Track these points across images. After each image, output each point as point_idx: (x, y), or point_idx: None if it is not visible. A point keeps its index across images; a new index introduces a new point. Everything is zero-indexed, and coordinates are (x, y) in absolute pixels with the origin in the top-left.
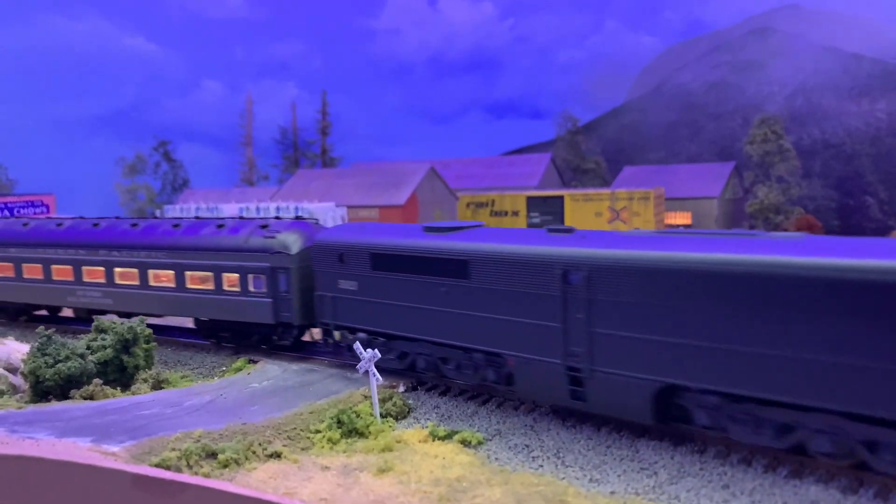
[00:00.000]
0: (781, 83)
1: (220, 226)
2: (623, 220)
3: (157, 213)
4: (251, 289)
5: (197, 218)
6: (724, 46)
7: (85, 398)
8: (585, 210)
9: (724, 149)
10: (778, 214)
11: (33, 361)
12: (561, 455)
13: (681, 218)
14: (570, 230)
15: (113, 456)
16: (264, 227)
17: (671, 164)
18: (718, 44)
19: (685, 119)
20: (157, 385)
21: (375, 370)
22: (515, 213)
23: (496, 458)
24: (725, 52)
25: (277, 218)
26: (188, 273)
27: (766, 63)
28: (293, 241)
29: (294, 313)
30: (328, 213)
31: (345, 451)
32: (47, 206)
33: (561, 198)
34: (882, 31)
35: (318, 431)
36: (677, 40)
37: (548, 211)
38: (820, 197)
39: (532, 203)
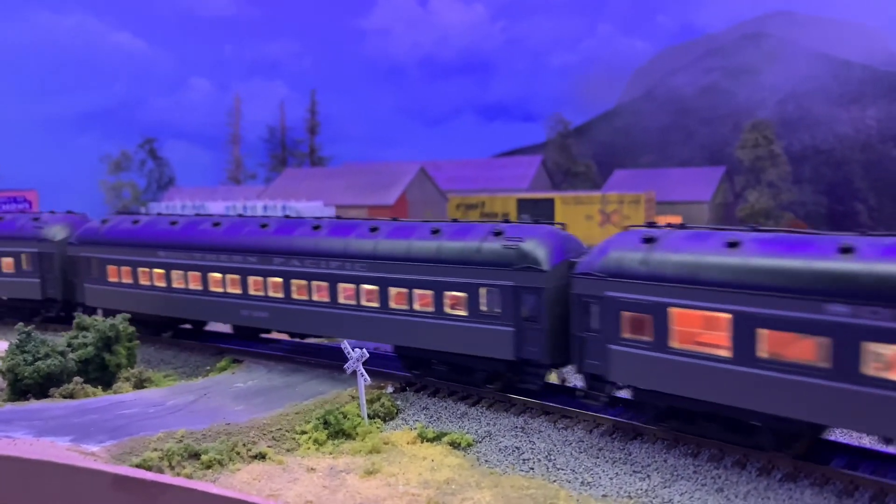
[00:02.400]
0: (773, 88)
1: None
2: (613, 224)
3: (143, 210)
4: None
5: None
6: (716, 51)
7: (65, 397)
8: (576, 213)
9: (716, 153)
10: (768, 219)
11: (12, 359)
12: (552, 457)
13: (671, 221)
14: None
15: (92, 456)
16: None
17: (662, 167)
18: (711, 48)
19: (677, 123)
20: (140, 384)
21: (363, 370)
22: (506, 215)
23: (486, 461)
24: (718, 56)
25: None
26: None
27: (758, 68)
28: None
29: None
30: (316, 213)
31: (331, 453)
32: (30, 203)
33: (552, 200)
34: (873, 37)
35: (303, 432)
36: (670, 44)
37: (538, 213)
38: (810, 203)
39: (523, 205)
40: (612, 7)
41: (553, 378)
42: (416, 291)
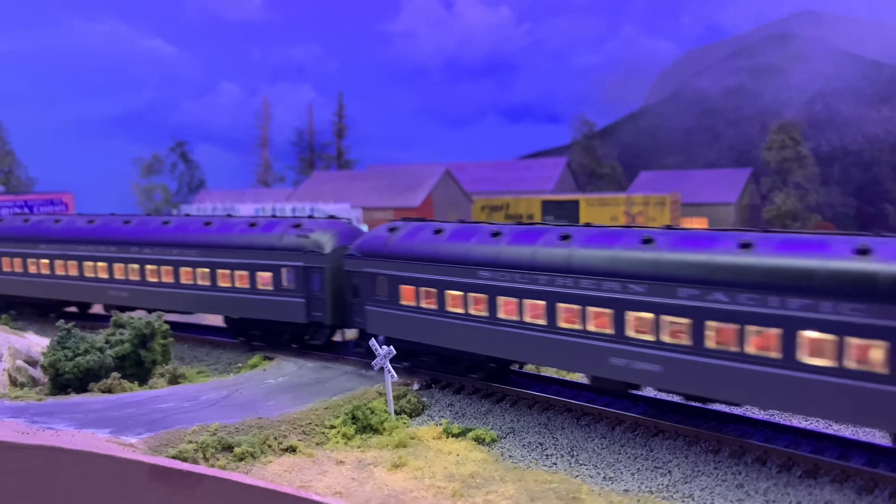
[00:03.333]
0: (800, 89)
1: None
2: (639, 225)
3: (174, 212)
4: None
5: None
6: (742, 52)
7: (103, 391)
8: (601, 214)
9: (742, 155)
10: (795, 221)
11: (53, 354)
12: (575, 453)
13: (697, 223)
14: None
15: (131, 447)
16: None
17: (688, 169)
18: (736, 49)
19: (702, 125)
20: (174, 380)
21: (390, 367)
22: (530, 217)
23: (510, 456)
24: (743, 57)
25: None
26: None
27: (784, 69)
28: None
29: None
30: (343, 215)
31: (359, 447)
32: (66, 205)
33: (576, 202)
34: None
35: (332, 427)
36: (695, 45)
37: (563, 215)
38: (838, 204)
39: (547, 207)
40: (636, 8)
41: None
42: None
